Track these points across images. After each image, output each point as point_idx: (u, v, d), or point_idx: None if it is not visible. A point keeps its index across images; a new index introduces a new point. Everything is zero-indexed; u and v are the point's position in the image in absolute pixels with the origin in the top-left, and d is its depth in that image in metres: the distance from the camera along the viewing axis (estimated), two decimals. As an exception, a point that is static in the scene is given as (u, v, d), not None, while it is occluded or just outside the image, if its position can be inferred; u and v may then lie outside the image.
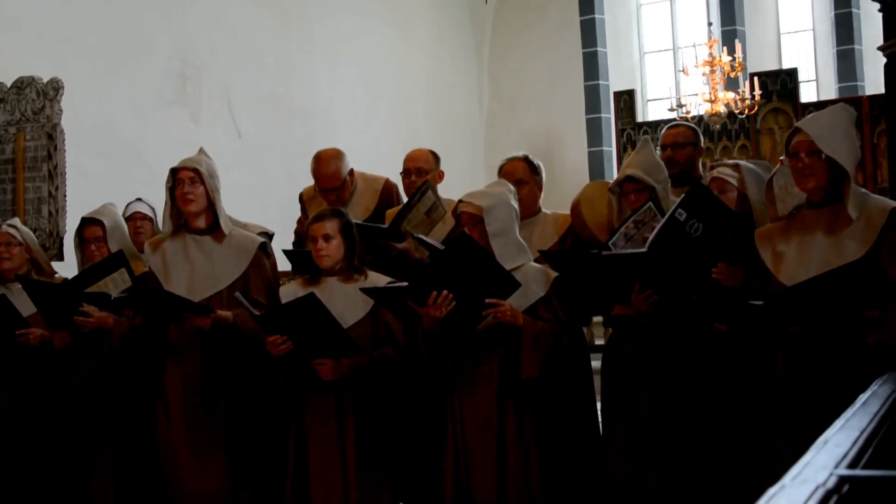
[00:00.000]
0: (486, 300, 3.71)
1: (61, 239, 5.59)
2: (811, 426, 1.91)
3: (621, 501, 4.14)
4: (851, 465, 1.30)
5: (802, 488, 1.11)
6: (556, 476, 3.95)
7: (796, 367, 3.32)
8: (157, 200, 4.81)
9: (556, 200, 5.38)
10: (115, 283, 4.38)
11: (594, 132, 12.07)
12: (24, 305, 4.45)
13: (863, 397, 1.83)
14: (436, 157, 5.05)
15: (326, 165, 4.94)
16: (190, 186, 4.22)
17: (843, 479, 1.19)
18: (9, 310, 4.41)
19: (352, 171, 4.99)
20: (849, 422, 1.52)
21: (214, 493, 4.17)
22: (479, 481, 3.85)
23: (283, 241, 5.18)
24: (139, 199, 5.11)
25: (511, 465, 3.82)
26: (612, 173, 11.44)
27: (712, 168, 4.06)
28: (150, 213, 5.10)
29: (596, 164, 11.96)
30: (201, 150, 4.41)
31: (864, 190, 3.45)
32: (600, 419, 4.45)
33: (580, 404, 4.56)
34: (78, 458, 4.44)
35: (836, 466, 1.25)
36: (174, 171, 4.27)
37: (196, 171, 4.23)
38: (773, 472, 1.44)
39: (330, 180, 4.91)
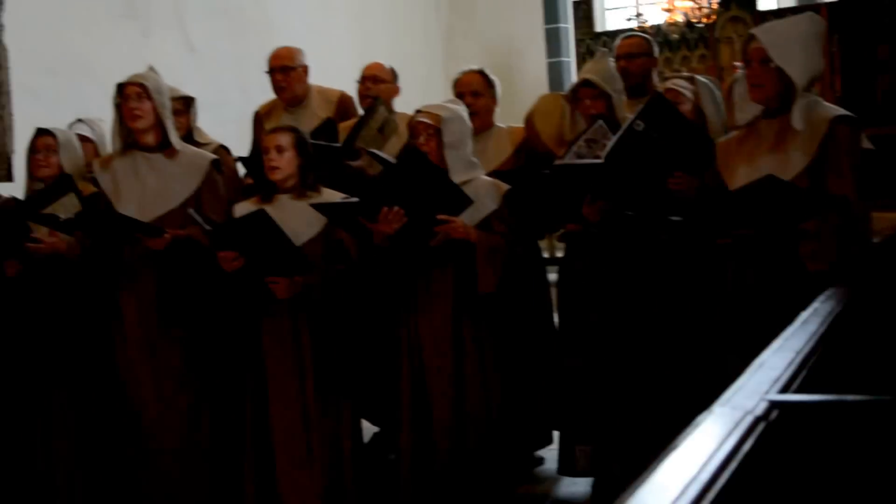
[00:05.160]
0: (438, 216, 3.69)
1: (9, 159, 5.47)
2: (761, 344, 1.92)
3: (577, 414, 4.20)
4: (784, 390, 1.30)
5: (731, 415, 1.12)
6: (514, 391, 3.99)
7: (743, 283, 3.33)
8: (109, 117, 4.71)
9: (518, 112, 5.33)
10: (65, 208, 4.28)
11: (553, 43, 11.92)
12: None
13: (803, 316, 1.82)
14: (393, 72, 5.05)
15: (281, 47, 5.09)
16: (136, 102, 4.14)
17: (772, 405, 1.20)
18: None
19: (306, 68, 5.01)
20: (786, 343, 1.52)
21: (174, 415, 4.16)
22: (437, 397, 3.88)
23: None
24: (80, 121, 4.97)
25: (469, 381, 3.85)
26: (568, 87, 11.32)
27: (666, 80, 4.04)
28: (91, 135, 4.97)
29: (555, 75, 11.83)
30: (150, 67, 4.32)
31: (816, 98, 3.41)
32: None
33: (537, 317, 4.60)
34: (37, 386, 4.40)
35: (768, 391, 1.26)
36: (120, 87, 4.18)
37: (142, 86, 4.14)
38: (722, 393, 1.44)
39: (282, 58, 4.97)
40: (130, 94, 4.14)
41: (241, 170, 4.91)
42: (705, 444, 1.01)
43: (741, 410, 1.15)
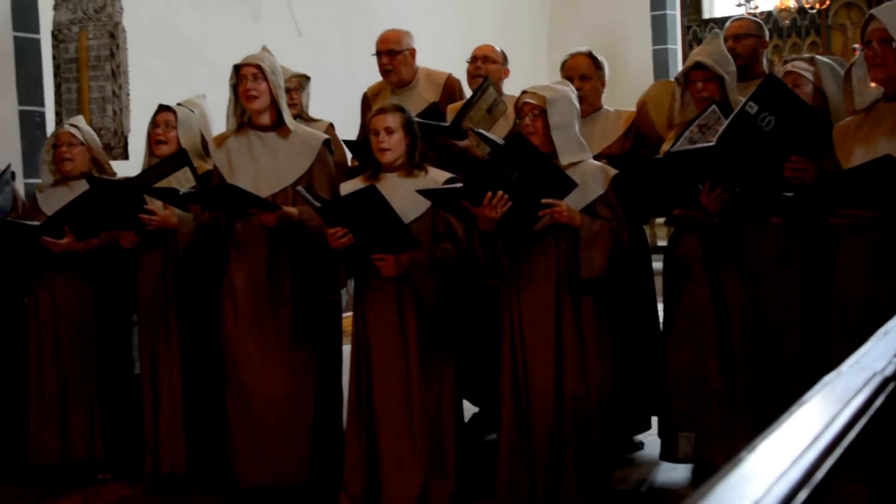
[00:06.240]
0: (543, 200, 3.68)
1: (126, 138, 5.65)
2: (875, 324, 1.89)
3: (680, 400, 4.17)
4: (912, 354, 1.29)
5: (859, 375, 1.11)
6: (615, 377, 3.96)
7: (857, 269, 3.25)
8: (216, 99, 4.82)
9: (622, 99, 5.30)
10: (179, 182, 4.41)
11: (659, 29, 11.78)
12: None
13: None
14: (504, 55, 5.08)
15: (389, 30, 5.11)
16: (253, 83, 4.23)
17: (902, 367, 1.19)
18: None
19: (413, 51, 5.03)
20: (912, 312, 1.51)
21: (279, 388, 4.25)
22: (537, 379, 3.87)
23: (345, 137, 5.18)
24: (179, 104, 5.08)
25: (568, 363, 3.84)
26: (677, 72, 11.17)
27: (785, 62, 3.96)
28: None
29: (661, 62, 11.69)
30: (264, 48, 4.40)
31: None
32: (661, 318, 4.45)
33: (640, 303, 4.57)
34: (146, 354, 4.56)
35: (896, 354, 1.25)
36: (237, 68, 4.28)
37: (259, 67, 4.23)
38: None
39: (389, 42, 5.01)
40: (247, 75, 4.23)
41: (348, 153, 4.98)
42: (835, 399, 1.02)
43: (870, 371, 1.15)
